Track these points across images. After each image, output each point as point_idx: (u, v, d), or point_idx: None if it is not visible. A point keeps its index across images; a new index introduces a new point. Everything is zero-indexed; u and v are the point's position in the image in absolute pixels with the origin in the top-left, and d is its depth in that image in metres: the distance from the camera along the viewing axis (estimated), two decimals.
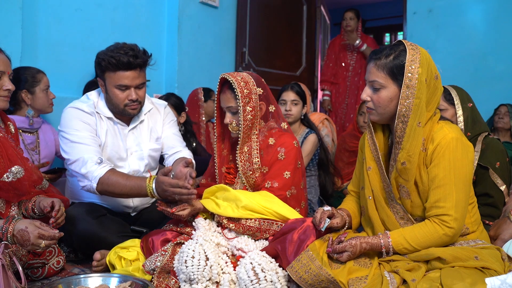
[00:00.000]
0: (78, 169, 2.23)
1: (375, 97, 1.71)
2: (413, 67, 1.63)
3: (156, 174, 2.54)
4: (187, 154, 2.58)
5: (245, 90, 2.11)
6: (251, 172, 2.15)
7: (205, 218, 2.09)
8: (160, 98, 3.23)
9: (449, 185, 1.64)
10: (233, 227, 2.00)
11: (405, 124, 1.64)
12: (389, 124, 1.80)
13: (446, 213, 1.63)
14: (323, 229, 1.76)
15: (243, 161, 2.16)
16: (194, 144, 3.40)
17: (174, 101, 3.35)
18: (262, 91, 2.18)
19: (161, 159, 2.68)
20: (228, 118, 2.15)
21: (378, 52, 1.71)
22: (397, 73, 1.66)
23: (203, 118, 3.88)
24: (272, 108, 2.23)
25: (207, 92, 3.87)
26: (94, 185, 2.19)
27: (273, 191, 2.10)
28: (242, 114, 2.10)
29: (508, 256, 1.63)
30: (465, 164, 1.66)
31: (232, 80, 2.11)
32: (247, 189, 2.17)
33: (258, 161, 2.15)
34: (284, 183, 2.12)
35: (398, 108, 1.65)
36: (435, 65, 1.70)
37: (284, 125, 2.28)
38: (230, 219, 2.01)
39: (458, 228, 1.63)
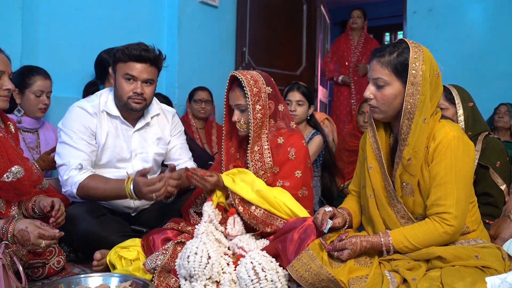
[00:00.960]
0: (62, 174, 2.28)
1: (379, 95, 1.71)
2: (417, 64, 1.64)
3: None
4: (190, 165, 2.60)
5: (254, 89, 2.11)
6: (263, 172, 2.15)
7: (217, 206, 2.10)
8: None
9: (450, 183, 1.64)
10: (241, 210, 2.02)
11: (411, 120, 1.65)
12: (391, 122, 1.80)
13: (446, 211, 1.63)
14: (325, 231, 1.76)
15: (254, 160, 2.16)
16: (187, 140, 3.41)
17: (161, 100, 3.34)
18: (271, 90, 2.19)
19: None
20: (236, 116, 2.16)
21: (381, 49, 1.72)
22: (401, 70, 1.67)
23: (190, 117, 3.92)
24: (281, 108, 2.24)
25: (192, 92, 3.95)
26: (74, 190, 2.23)
27: (285, 188, 2.12)
28: (251, 112, 2.11)
29: (509, 255, 1.63)
30: (466, 162, 1.67)
31: (241, 78, 2.11)
32: None
33: (270, 160, 2.15)
34: (296, 183, 2.13)
35: (404, 105, 1.65)
36: (436, 62, 1.72)
37: (292, 124, 2.28)
38: (242, 200, 2.02)
39: (459, 226, 1.64)
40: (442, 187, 1.65)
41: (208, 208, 2.06)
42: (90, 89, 3.14)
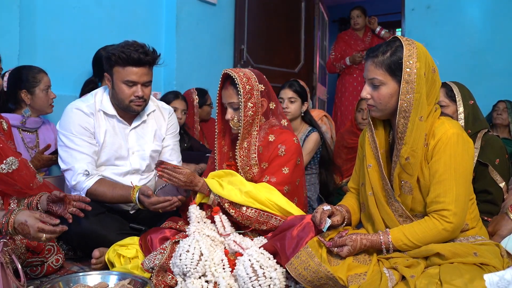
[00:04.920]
0: (69, 179, 2.33)
1: (376, 94, 1.72)
2: (410, 62, 1.64)
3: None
4: None
5: (247, 86, 2.11)
6: (248, 168, 2.16)
7: (200, 203, 2.09)
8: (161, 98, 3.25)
9: (449, 180, 1.64)
10: (233, 213, 2.01)
11: (407, 119, 1.65)
12: (390, 119, 1.80)
13: (445, 208, 1.63)
14: (324, 230, 1.75)
15: (242, 156, 2.16)
16: (188, 140, 3.39)
17: (171, 98, 3.34)
18: (264, 87, 2.18)
19: None
20: (229, 114, 2.16)
21: (375, 49, 1.72)
22: (395, 69, 1.66)
23: (197, 118, 3.86)
24: (272, 105, 2.23)
25: (203, 96, 3.83)
26: (83, 195, 2.26)
27: (271, 184, 2.11)
28: (243, 110, 2.10)
29: (507, 252, 1.64)
30: (466, 159, 1.67)
31: (234, 76, 2.11)
32: None
33: (255, 156, 2.15)
34: (282, 179, 2.12)
35: (399, 103, 1.65)
36: (432, 58, 1.71)
37: (284, 122, 2.28)
38: (232, 204, 2.01)
39: (458, 223, 1.63)
40: (441, 184, 1.65)
41: (194, 210, 2.06)
42: (88, 87, 3.14)
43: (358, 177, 1.97)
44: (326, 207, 1.83)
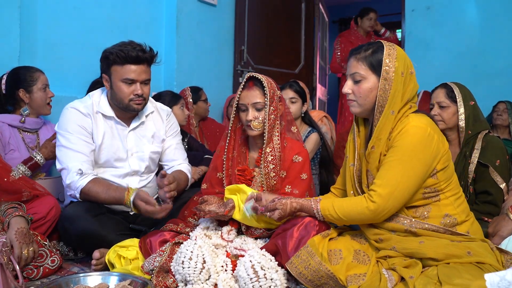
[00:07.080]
0: (64, 178, 2.32)
1: (356, 89, 1.78)
2: (389, 60, 1.73)
3: (156, 174, 2.60)
4: (185, 167, 2.62)
5: (271, 90, 2.15)
6: (274, 174, 2.15)
7: None
8: (154, 96, 3.24)
9: (388, 164, 1.69)
10: (244, 231, 2.06)
11: (381, 113, 1.73)
12: (369, 119, 1.86)
13: (373, 189, 1.69)
14: (246, 212, 1.92)
15: (266, 162, 2.15)
16: (186, 139, 3.39)
17: (170, 98, 3.32)
18: (280, 94, 2.24)
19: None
20: (252, 115, 2.14)
21: (358, 48, 1.82)
22: (376, 66, 1.74)
23: (192, 114, 3.84)
24: (286, 111, 2.28)
25: (196, 93, 3.82)
26: (78, 195, 2.29)
27: (293, 196, 2.11)
28: (268, 112, 2.13)
29: (497, 248, 1.66)
30: (420, 150, 1.68)
31: (262, 78, 2.16)
32: (263, 191, 2.16)
33: (280, 163, 2.16)
34: (303, 187, 2.15)
35: (377, 99, 1.73)
36: (412, 62, 1.80)
37: (293, 128, 2.30)
38: (244, 224, 2.06)
39: (382, 205, 1.66)
40: (382, 167, 1.72)
41: (210, 222, 2.10)
42: (95, 87, 3.11)
43: (342, 179, 2.04)
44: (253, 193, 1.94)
